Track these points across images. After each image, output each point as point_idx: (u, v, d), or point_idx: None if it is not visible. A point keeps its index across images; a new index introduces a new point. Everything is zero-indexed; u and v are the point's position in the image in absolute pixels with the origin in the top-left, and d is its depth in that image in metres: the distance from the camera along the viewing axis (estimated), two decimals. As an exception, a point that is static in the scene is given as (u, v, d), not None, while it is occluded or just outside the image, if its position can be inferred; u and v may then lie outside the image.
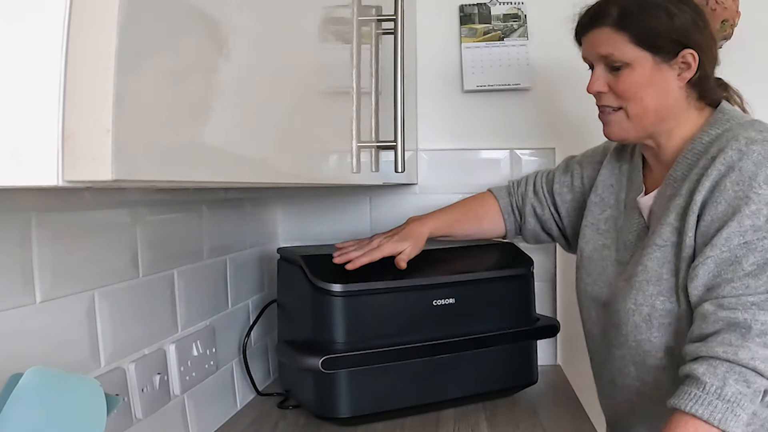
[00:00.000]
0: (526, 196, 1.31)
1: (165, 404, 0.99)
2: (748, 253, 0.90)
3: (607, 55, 1.02)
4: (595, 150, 1.28)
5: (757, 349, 0.85)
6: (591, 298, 1.15)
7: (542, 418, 1.21)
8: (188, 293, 1.08)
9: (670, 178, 1.03)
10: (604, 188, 1.19)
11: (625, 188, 1.16)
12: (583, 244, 1.19)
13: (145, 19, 0.41)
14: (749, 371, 0.85)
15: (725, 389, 0.84)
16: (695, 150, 1.01)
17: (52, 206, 0.76)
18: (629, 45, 1.00)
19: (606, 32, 1.02)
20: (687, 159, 1.02)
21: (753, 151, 0.92)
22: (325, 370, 1.10)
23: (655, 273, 1.00)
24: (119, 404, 0.62)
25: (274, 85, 0.65)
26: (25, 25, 0.37)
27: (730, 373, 0.85)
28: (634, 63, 1.01)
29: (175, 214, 1.07)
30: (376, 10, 0.87)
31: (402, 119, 0.82)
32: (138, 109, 0.41)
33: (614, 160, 1.20)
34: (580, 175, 1.26)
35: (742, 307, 0.88)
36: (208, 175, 0.52)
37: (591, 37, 1.05)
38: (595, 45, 1.04)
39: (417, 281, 1.20)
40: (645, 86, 1.01)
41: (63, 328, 0.77)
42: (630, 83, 1.01)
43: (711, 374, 0.85)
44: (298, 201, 1.62)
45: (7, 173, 0.38)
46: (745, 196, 0.91)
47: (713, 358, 0.86)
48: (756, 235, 0.90)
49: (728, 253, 0.91)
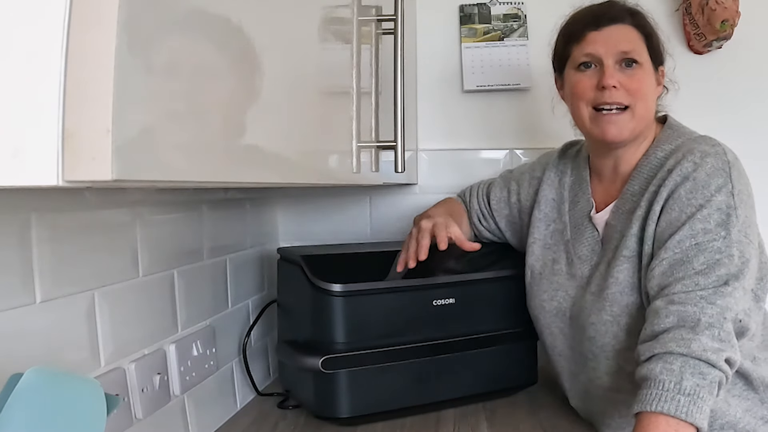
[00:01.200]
0: (471, 207, 1.36)
1: (165, 404, 0.99)
2: (699, 254, 0.94)
3: (628, 51, 1.04)
4: (533, 166, 1.30)
5: (707, 341, 0.87)
6: (551, 314, 1.16)
7: (542, 418, 1.21)
8: (188, 293, 1.08)
9: (627, 193, 1.07)
10: (546, 203, 1.22)
11: (568, 201, 1.19)
12: (533, 261, 1.21)
13: (145, 19, 0.41)
14: (702, 363, 0.86)
15: (683, 383, 0.85)
16: (651, 165, 1.06)
17: (52, 206, 0.76)
18: (644, 47, 1.06)
19: (628, 29, 1.05)
20: (643, 173, 1.06)
21: (707, 163, 0.98)
22: (325, 370, 1.10)
23: (628, 283, 1.02)
24: (119, 404, 0.62)
25: (274, 85, 0.65)
26: (26, 25, 0.37)
27: (686, 367, 0.86)
28: (644, 64, 1.06)
29: (175, 214, 1.07)
30: (376, 10, 0.87)
31: (402, 119, 0.82)
32: (138, 109, 0.41)
33: (553, 175, 1.23)
34: (516, 191, 1.29)
35: (691, 302, 0.91)
36: (208, 175, 0.52)
37: (609, 32, 1.05)
38: (615, 40, 1.04)
39: (417, 281, 1.20)
40: (649, 89, 1.07)
41: (63, 328, 0.77)
42: (641, 82, 1.05)
43: (668, 371, 0.86)
44: (298, 201, 1.62)
45: (7, 173, 0.38)
46: (698, 203, 0.96)
47: (668, 354, 0.87)
48: (706, 237, 0.95)
49: (680, 254, 0.95)
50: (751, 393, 1.02)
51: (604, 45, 1.05)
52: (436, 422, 1.19)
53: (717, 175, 0.97)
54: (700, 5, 1.40)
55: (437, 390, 1.21)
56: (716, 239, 0.94)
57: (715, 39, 1.42)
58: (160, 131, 0.44)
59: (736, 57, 1.49)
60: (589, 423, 1.17)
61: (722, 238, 0.94)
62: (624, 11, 1.07)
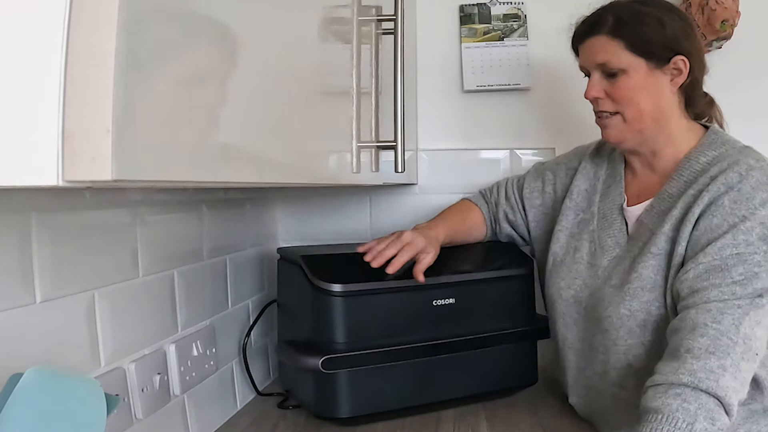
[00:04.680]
0: (499, 203, 1.35)
1: (165, 404, 0.99)
2: (738, 264, 0.94)
3: (604, 63, 1.07)
4: (568, 156, 1.30)
5: (730, 382, 0.86)
6: (567, 303, 1.16)
7: (542, 418, 1.21)
8: (188, 293, 1.08)
9: (665, 193, 1.07)
10: (578, 193, 1.22)
11: (600, 193, 1.19)
12: (557, 248, 1.21)
13: (145, 19, 0.41)
14: (719, 408, 0.86)
15: (695, 426, 0.84)
16: (693, 168, 1.05)
17: (52, 206, 0.76)
18: (624, 52, 1.05)
19: (602, 40, 1.07)
20: (683, 176, 1.06)
21: (752, 177, 0.99)
22: (325, 370, 1.10)
23: (650, 280, 1.02)
24: (119, 404, 0.62)
25: (275, 85, 0.65)
26: (26, 25, 0.37)
27: (701, 411, 0.85)
28: (629, 69, 1.05)
29: (175, 214, 1.07)
30: (376, 10, 0.87)
31: (402, 119, 0.82)
32: (138, 109, 0.41)
33: (589, 166, 1.23)
34: (552, 182, 1.29)
35: (728, 312, 0.91)
36: (208, 175, 0.52)
37: (588, 45, 1.09)
38: (592, 52, 1.08)
39: (417, 281, 1.20)
40: (639, 91, 1.06)
41: (63, 328, 0.77)
42: (626, 89, 1.06)
43: (683, 411, 0.85)
44: (298, 201, 1.62)
45: (8, 173, 0.38)
46: (742, 214, 0.97)
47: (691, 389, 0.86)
48: (748, 249, 0.95)
49: (719, 262, 0.95)
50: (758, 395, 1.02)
51: (586, 58, 1.10)
52: (436, 422, 1.19)
53: (762, 189, 0.98)
54: (700, 5, 1.40)
55: (437, 390, 1.21)
56: (757, 252, 0.95)
57: (715, 39, 1.42)
58: (160, 131, 0.44)
59: (736, 57, 1.49)
60: (589, 422, 1.17)
61: (763, 252, 0.95)
62: (600, 21, 1.07)
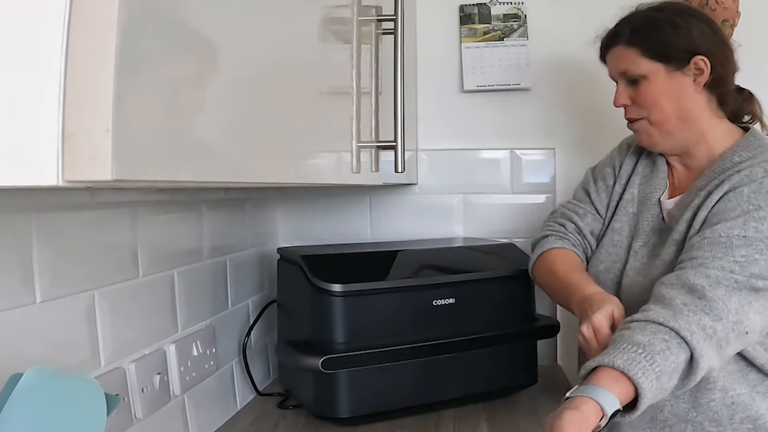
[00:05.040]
0: (579, 226, 1.23)
1: (165, 404, 0.99)
2: (743, 246, 0.95)
3: (624, 71, 1.11)
4: (619, 149, 1.26)
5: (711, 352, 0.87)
6: (605, 285, 1.13)
7: (542, 418, 1.21)
8: (188, 293, 1.08)
9: (694, 188, 1.08)
10: (624, 176, 1.21)
11: (641, 174, 1.19)
12: (602, 228, 1.22)
13: (146, 19, 0.41)
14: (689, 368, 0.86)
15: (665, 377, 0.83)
16: (723, 166, 1.06)
17: (52, 206, 0.76)
18: (642, 58, 1.09)
19: (620, 50, 1.12)
20: (714, 173, 1.07)
21: None
22: (325, 370, 1.10)
23: (671, 266, 1.03)
24: (119, 404, 0.62)
25: (275, 85, 0.65)
26: (26, 25, 0.37)
27: (678, 365, 0.85)
28: (648, 74, 1.09)
29: (175, 214, 1.07)
30: (376, 10, 0.87)
31: (402, 119, 0.82)
32: (138, 109, 0.41)
33: (635, 152, 1.23)
34: (612, 175, 1.23)
35: (725, 283, 0.91)
36: (208, 175, 0.52)
37: (610, 56, 1.15)
38: (614, 62, 1.14)
39: (417, 281, 1.20)
40: (661, 94, 1.09)
41: (63, 328, 0.77)
42: (648, 94, 1.09)
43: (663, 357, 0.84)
44: (298, 201, 1.62)
45: (8, 173, 0.38)
46: (758, 204, 0.97)
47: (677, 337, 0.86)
48: (756, 235, 0.96)
49: (725, 240, 0.96)
50: None
51: (611, 68, 1.16)
52: (436, 422, 1.19)
53: None
54: (700, 5, 1.40)
55: (437, 390, 1.21)
56: (763, 241, 0.95)
57: (715, 39, 1.42)
58: (160, 131, 0.44)
59: (736, 57, 1.48)
60: None
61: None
62: (618, 33, 1.12)
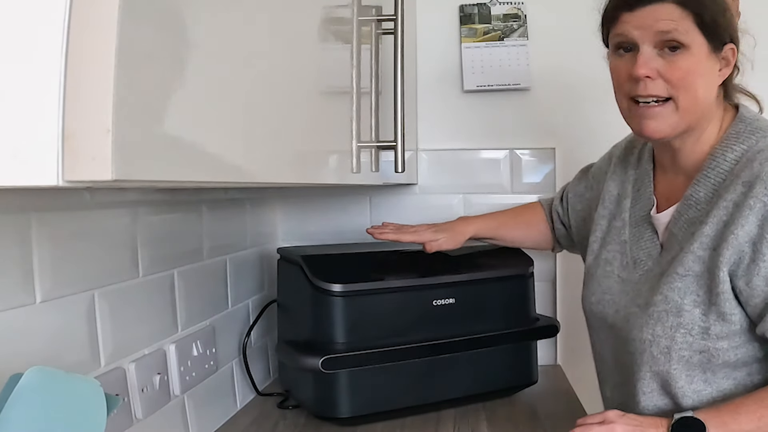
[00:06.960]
0: (553, 204, 1.31)
1: (165, 404, 0.99)
2: None
3: (668, 31, 0.90)
4: (604, 157, 1.22)
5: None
6: (597, 318, 1.08)
7: (542, 418, 1.21)
8: (188, 293, 1.08)
9: (691, 199, 0.95)
10: (609, 199, 1.11)
11: (631, 196, 1.08)
12: (591, 260, 1.12)
13: (146, 19, 0.41)
14: None
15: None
16: (719, 168, 0.93)
17: (52, 206, 0.76)
18: (693, 26, 0.90)
19: (670, 8, 0.90)
20: (710, 178, 0.94)
21: None
22: (325, 370, 1.10)
23: (675, 304, 0.92)
24: (119, 404, 0.62)
25: (275, 85, 0.65)
26: (26, 25, 0.37)
27: None
28: (692, 47, 0.90)
29: (175, 214, 1.07)
30: (376, 10, 0.87)
31: (402, 119, 0.82)
32: (138, 110, 0.41)
33: (619, 169, 1.13)
34: (591, 187, 1.21)
35: None
36: (208, 175, 0.52)
37: (647, 12, 0.91)
38: (652, 20, 0.91)
39: (417, 281, 1.20)
40: (699, 75, 0.92)
41: (63, 328, 0.77)
42: (686, 69, 0.91)
43: None
44: (298, 201, 1.62)
45: (7, 173, 0.38)
46: None
47: None
48: None
49: None
50: None
51: (638, 26, 0.92)
52: (436, 422, 1.19)
53: None
54: (700, 5, 1.40)
55: (437, 390, 1.21)
56: None
57: (715, 39, 1.41)
58: (160, 131, 0.44)
59: (736, 57, 1.48)
60: None
61: None
62: None
